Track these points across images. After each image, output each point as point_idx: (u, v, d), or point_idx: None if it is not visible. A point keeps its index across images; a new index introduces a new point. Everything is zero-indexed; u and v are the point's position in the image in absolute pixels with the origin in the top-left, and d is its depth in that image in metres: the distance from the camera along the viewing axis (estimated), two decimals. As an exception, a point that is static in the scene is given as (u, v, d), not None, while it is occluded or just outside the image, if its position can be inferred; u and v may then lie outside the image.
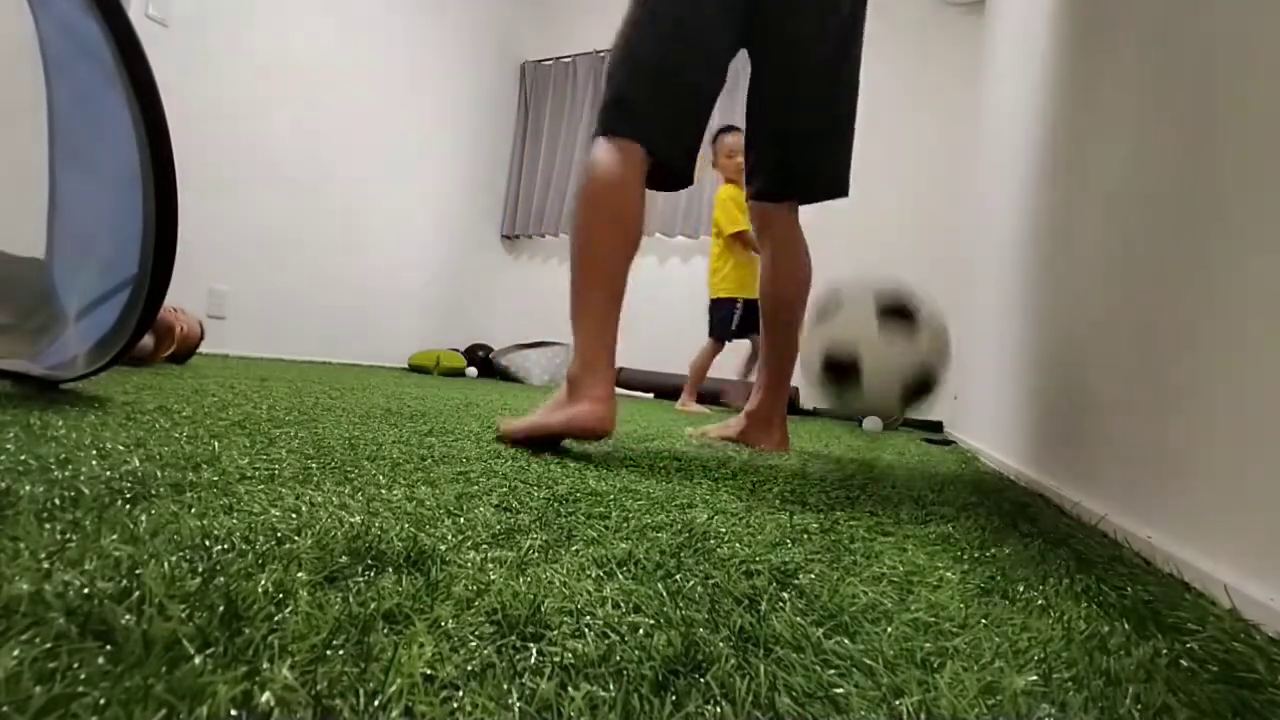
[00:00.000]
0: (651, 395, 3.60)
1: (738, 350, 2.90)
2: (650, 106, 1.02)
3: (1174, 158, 0.73)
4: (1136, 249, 0.82)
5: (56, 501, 0.41)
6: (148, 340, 1.75)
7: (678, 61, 1.03)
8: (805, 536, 0.57)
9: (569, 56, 4.45)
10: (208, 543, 0.37)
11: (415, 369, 3.74)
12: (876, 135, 3.56)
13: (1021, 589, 0.47)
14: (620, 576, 0.41)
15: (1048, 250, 1.30)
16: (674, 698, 0.27)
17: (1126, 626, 0.41)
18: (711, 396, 3.09)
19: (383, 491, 0.56)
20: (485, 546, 0.44)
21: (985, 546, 0.61)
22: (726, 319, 2.75)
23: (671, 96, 1.03)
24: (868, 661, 0.32)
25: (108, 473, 0.50)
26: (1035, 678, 0.32)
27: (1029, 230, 1.51)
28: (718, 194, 2.81)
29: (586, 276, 0.98)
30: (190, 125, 2.58)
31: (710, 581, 0.42)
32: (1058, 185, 1.27)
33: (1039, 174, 1.46)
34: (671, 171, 1.07)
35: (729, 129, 2.78)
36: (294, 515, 0.45)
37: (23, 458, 0.52)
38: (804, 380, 1.17)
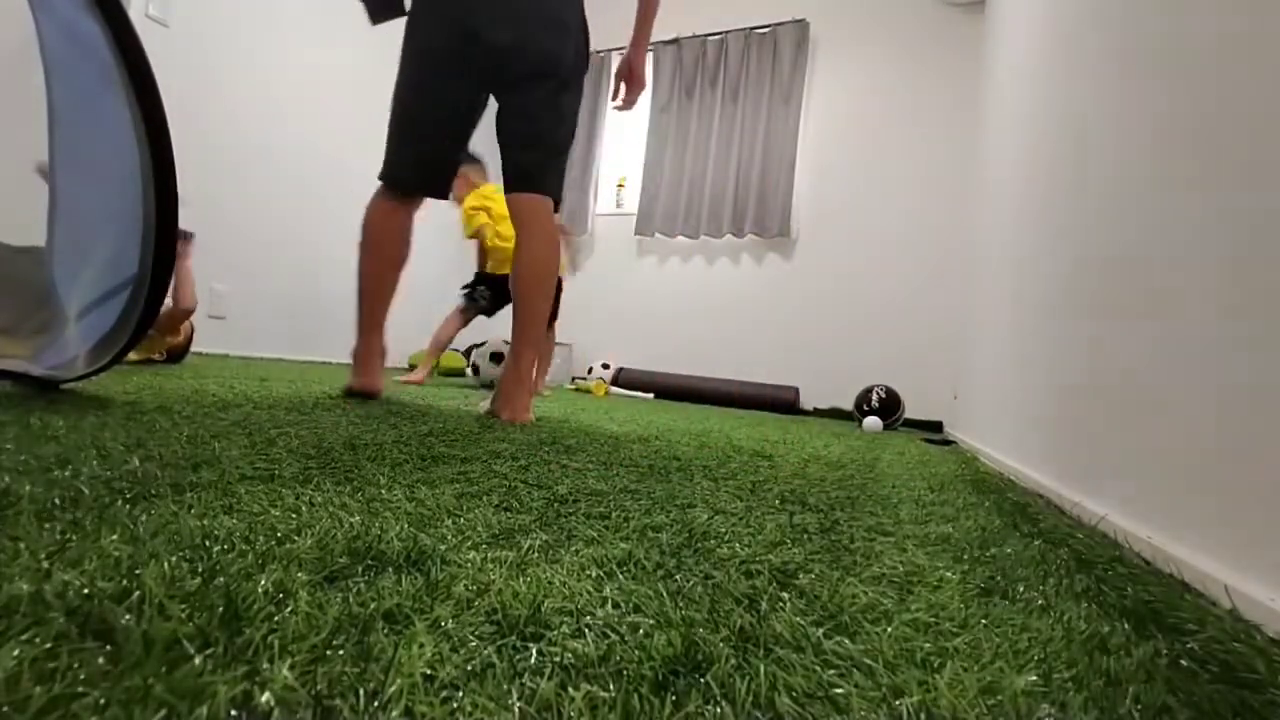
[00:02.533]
0: (652, 396, 3.60)
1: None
2: (403, 154, 1.45)
3: (1175, 156, 0.73)
4: (1137, 250, 0.82)
5: (56, 501, 0.41)
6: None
7: (421, 116, 1.41)
8: (805, 536, 0.57)
9: (569, 57, 4.44)
10: (208, 543, 0.37)
11: (416, 369, 3.73)
12: (877, 135, 3.57)
13: (1021, 589, 0.47)
14: (620, 576, 0.41)
15: (1050, 251, 1.30)
16: (674, 698, 0.27)
17: (1126, 627, 0.41)
18: None
19: (383, 492, 0.56)
20: (485, 546, 0.44)
21: (985, 546, 0.61)
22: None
23: (420, 143, 1.44)
24: (868, 661, 0.32)
25: (108, 473, 0.50)
26: (1035, 678, 0.32)
27: (1030, 230, 1.52)
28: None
29: (362, 289, 1.55)
30: (190, 125, 2.58)
31: (710, 581, 0.42)
32: (1059, 186, 1.27)
33: (1040, 174, 1.46)
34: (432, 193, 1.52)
35: None
36: (294, 515, 0.45)
37: (23, 458, 0.52)
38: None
